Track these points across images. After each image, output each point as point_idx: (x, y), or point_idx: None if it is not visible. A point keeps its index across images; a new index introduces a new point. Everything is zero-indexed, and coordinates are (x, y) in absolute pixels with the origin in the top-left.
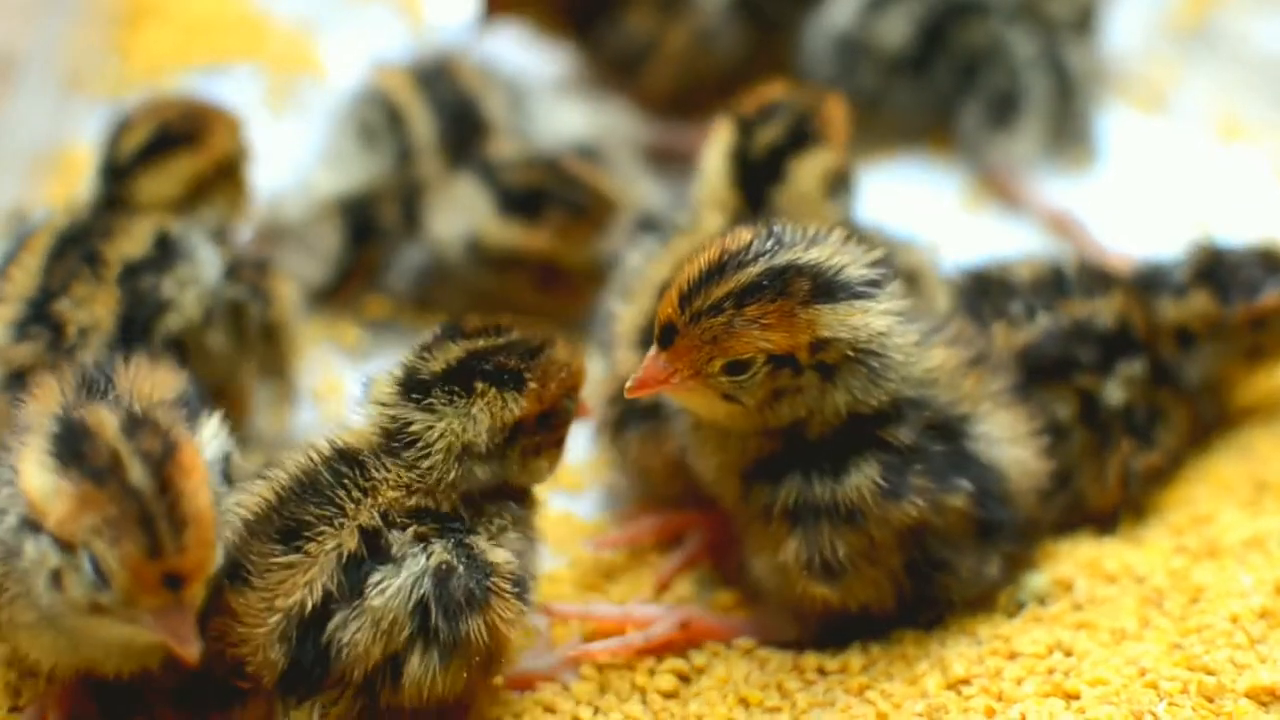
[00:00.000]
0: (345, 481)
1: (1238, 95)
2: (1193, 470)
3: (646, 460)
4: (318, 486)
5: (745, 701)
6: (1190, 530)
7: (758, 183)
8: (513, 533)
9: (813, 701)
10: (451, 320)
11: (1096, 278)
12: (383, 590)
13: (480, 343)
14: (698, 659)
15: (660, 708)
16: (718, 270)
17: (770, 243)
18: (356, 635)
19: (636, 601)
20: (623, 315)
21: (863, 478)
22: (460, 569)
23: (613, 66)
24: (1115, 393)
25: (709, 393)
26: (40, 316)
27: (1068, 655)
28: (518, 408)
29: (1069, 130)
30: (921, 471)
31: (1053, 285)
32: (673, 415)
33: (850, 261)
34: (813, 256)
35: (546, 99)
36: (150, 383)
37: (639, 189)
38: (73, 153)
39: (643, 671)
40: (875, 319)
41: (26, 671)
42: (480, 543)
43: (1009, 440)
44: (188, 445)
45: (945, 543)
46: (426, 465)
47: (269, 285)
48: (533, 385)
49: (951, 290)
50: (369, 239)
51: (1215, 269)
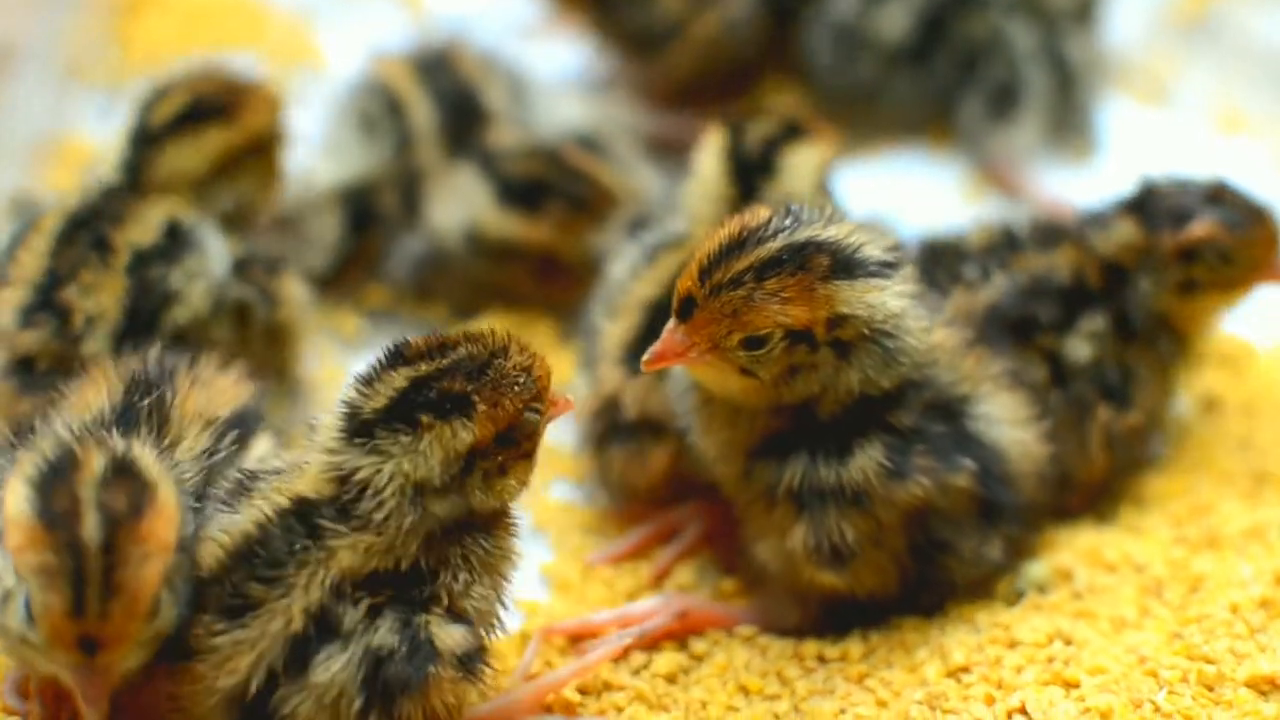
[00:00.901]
0: (297, 548)
1: (1239, 87)
2: (1193, 461)
3: (631, 476)
4: (269, 552)
5: (745, 689)
6: (1190, 520)
7: (751, 177)
8: (478, 584)
9: (812, 689)
10: (394, 344)
11: (1047, 232)
12: (328, 667)
13: (422, 367)
14: (697, 646)
15: (663, 692)
16: (738, 245)
17: (789, 220)
18: (300, 710)
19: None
20: (608, 331)
21: (867, 459)
22: (401, 652)
23: (631, 48)
24: (1079, 349)
25: (725, 367)
26: (47, 303)
27: (1067, 644)
28: (469, 435)
29: (1069, 122)
30: (925, 452)
31: (1004, 244)
32: (678, 397)
33: (868, 241)
34: (831, 234)
35: (547, 89)
36: (208, 395)
37: (640, 179)
38: (72, 142)
39: (642, 659)
40: (891, 299)
41: None
42: (431, 617)
43: (1009, 422)
44: (158, 512)
45: (948, 523)
46: (381, 518)
47: (277, 286)
48: (482, 408)
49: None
50: (368, 228)
51: (1146, 200)
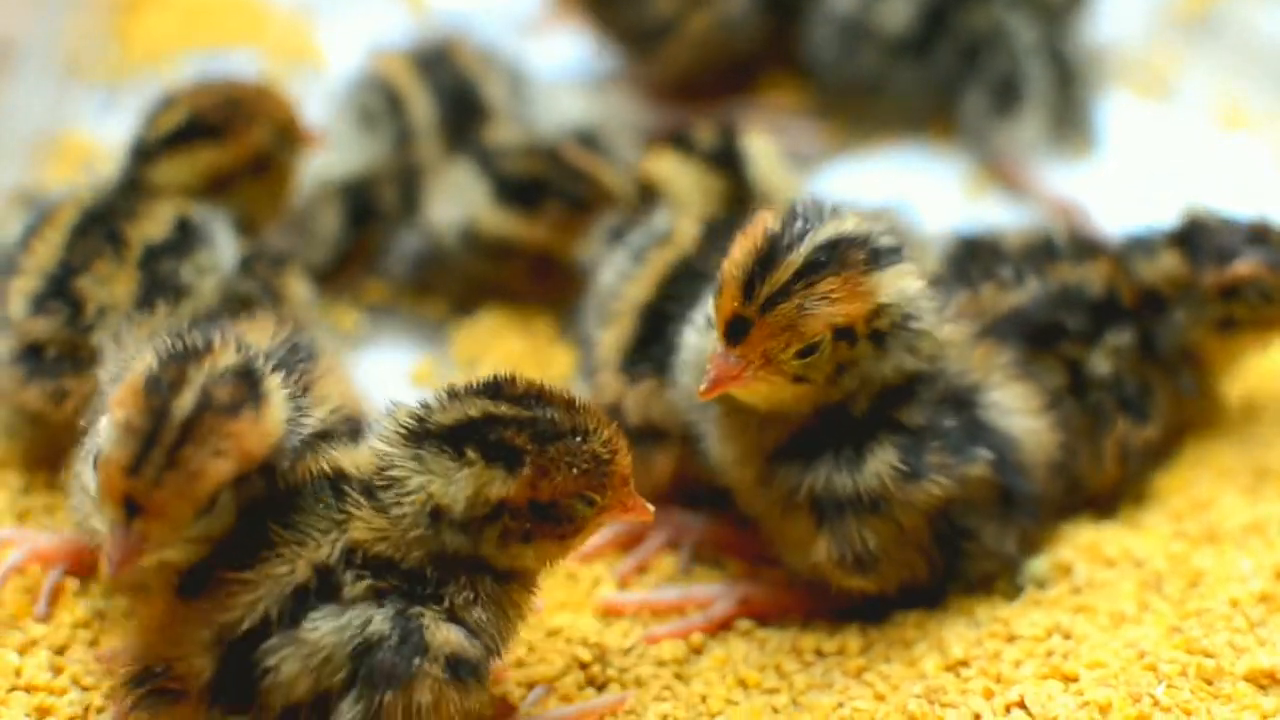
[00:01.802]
0: (321, 508)
1: (1240, 83)
2: (1193, 456)
3: (636, 482)
4: (298, 503)
5: (744, 682)
6: (1190, 515)
7: (721, 164)
8: (480, 608)
9: (811, 683)
10: (499, 376)
11: (1085, 246)
12: (318, 626)
13: (503, 407)
14: (695, 638)
15: (664, 685)
16: (768, 257)
17: (801, 222)
18: (283, 664)
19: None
20: (604, 340)
21: (881, 464)
22: (392, 640)
23: (629, 45)
24: (1101, 363)
25: (779, 379)
26: (60, 292)
27: (1066, 638)
28: (504, 488)
29: (1068, 117)
30: (939, 449)
31: (1043, 251)
32: (691, 406)
33: (878, 230)
34: (850, 228)
35: (546, 84)
36: (336, 388)
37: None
38: (72, 138)
39: (638, 651)
40: (912, 282)
41: None
42: (430, 615)
43: (1021, 411)
44: (255, 421)
45: (971, 510)
46: (397, 513)
47: (281, 283)
48: (527, 471)
49: (939, 254)
50: (368, 222)
51: (1193, 233)
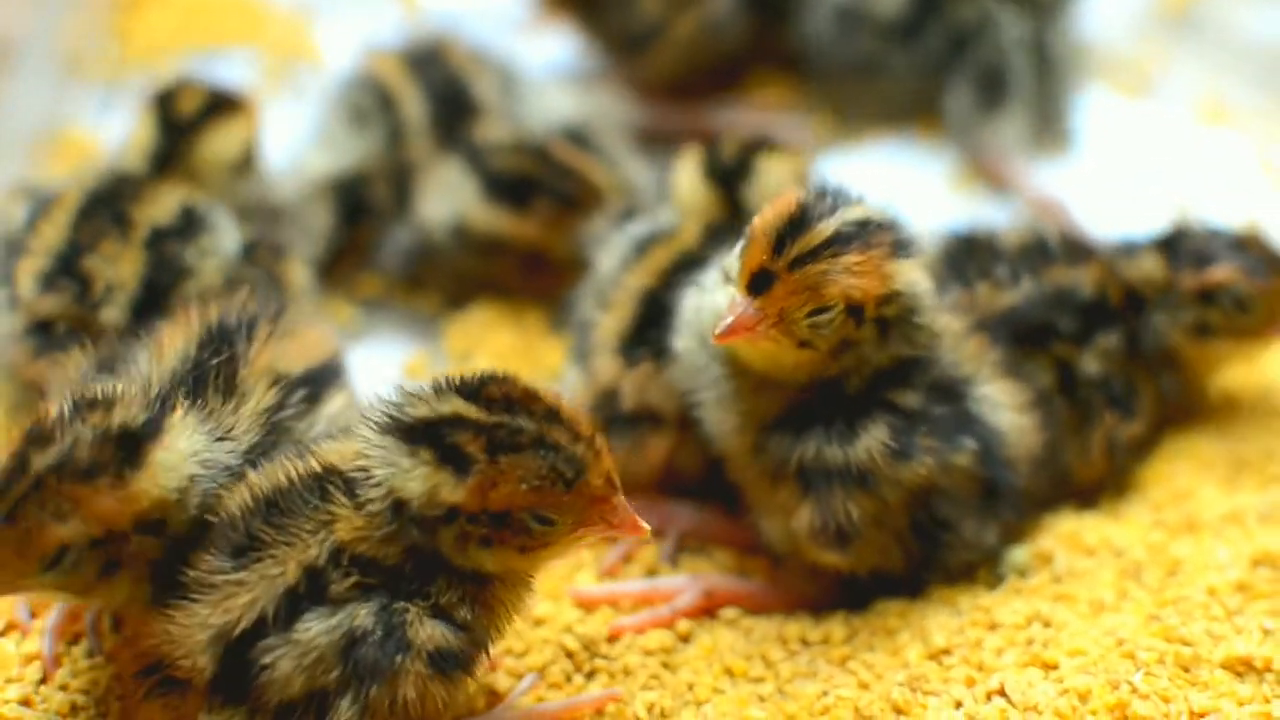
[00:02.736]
0: (310, 509)
1: (1222, 80)
2: (1173, 447)
3: (630, 467)
4: (287, 504)
5: (730, 671)
6: (1169, 506)
7: (731, 181)
8: (466, 607)
9: (796, 671)
10: (487, 377)
11: (1077, 248)
12: (310, 627)
13: (473, 411)
14: (682, 627)
15: (651, 674)
16: (801, 220)
17: (830, 200)
18: (278, 663)
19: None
20: (602, 322)
21: (873, 440)
22: (375, 636)
23: (616, 48)
24: (1091, 364)
25: (786, 340)
26: (68, 270)
27: (1047, 626)
28: (454, 493)
29: (1046, 114)
30: (928, 432)
31: (1037, 252)
32: (692, 372)
33: (899, 221)
34: (877, 213)
35: (536, 82)
36: (285, 349)
37: (629, 172)
38: (72, 136)
39: (627, 639)
40: (922, 278)
41: None
42: (414, 611)
43: (1008, 406)
44: (111, 486)
45: (951, 502)
46: (370, 510)
47: (282, 269)
48: (473, 480)
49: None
50: (361, 218)
51: (1176, 238)
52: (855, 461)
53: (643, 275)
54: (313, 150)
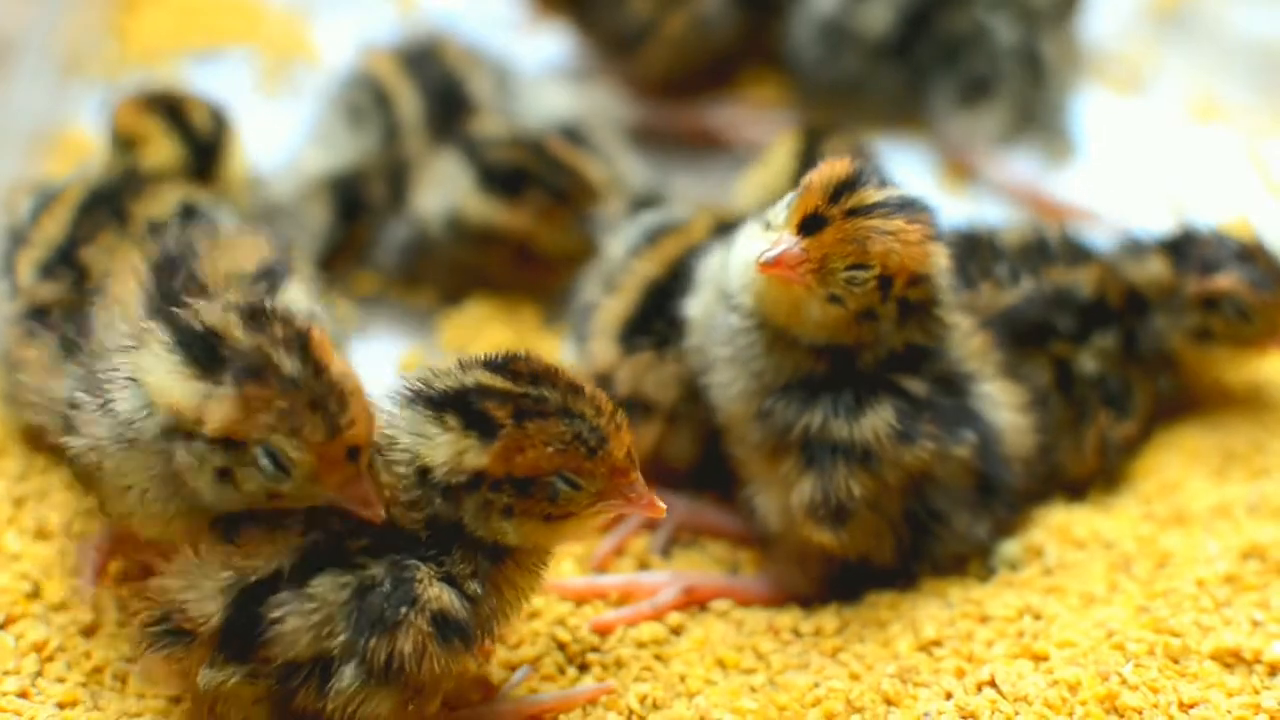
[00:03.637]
0: None
1: (1214, 77)
2: (1162, 440)
3: None
4: None
5: (722, 663)
6: (1159, 498)
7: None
8: (476, 582)
9: (787, 663)
10: (511, 354)
11: (1077, 248)
12: (321, 584)
13: (498, 381)
14: (674, 619)
15: (644, 666)
16: (857, 180)
17: (880, 176)
18: (287, 618)
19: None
20: (606, 306)
21: (879, 420)
22: (384, 587)
23: (608, 47)
24: (1089, 363)
25: (818, 289)
26: (66, 260)
27: (1037, 618)
28: (479, 458)
29: (1041, 119)
30: (931, 420)
31: (1037, 251)
32: (717, 325)
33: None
34: (919, 198)
35: (531, 79)
36: (232, 255)
37: (624, 169)
38: (70, 134)
39: (619, 631)
40: (947, 269)
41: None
42: (424, 571)
43: (1008, 405)
44: (314, 325)
45: (945, 494)
46: (397, 471)
47: None
48: (501, 443)
49: None
50: (357, 215)
51: (1183, 242)
52: (860, 439)
53: (651, 264)
54: (309, 148)
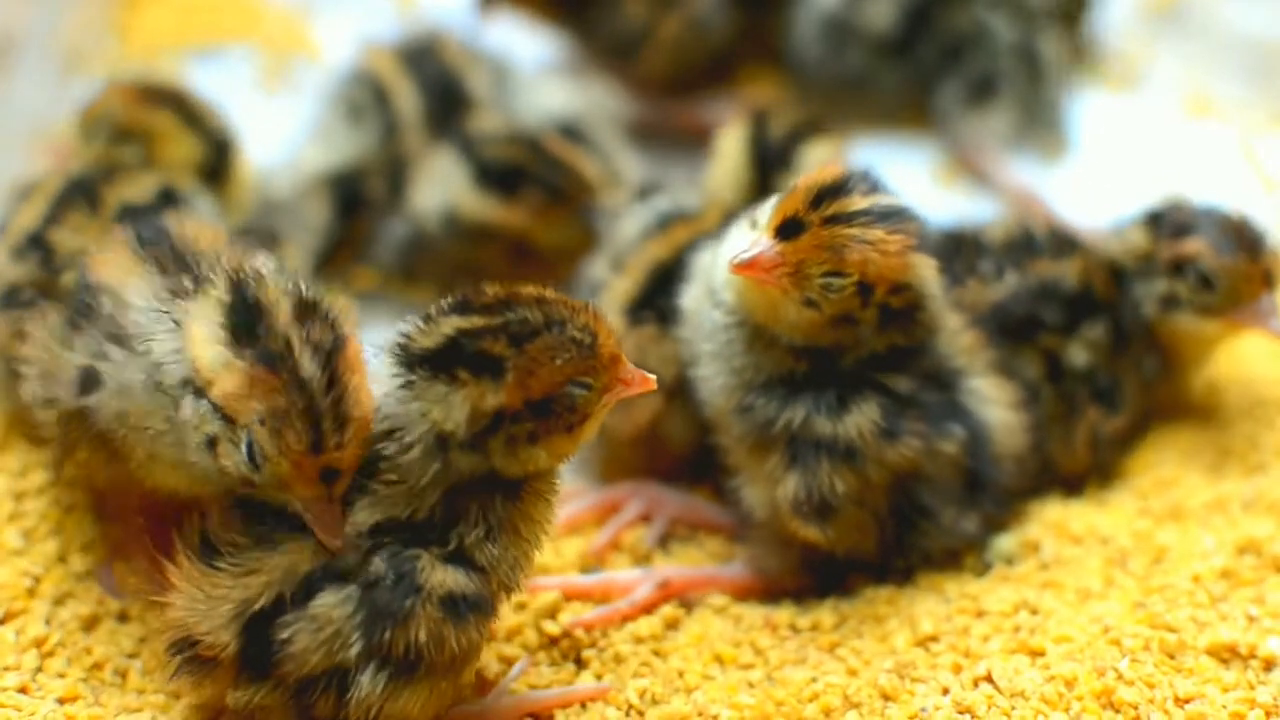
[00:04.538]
0: None
1: (1208, 73)
2: (1158, 436)
3: (613, 425)
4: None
5: (720, 658)
6: (1155, 494)
7: (770, 167)
8: (492, 543)
9: (785, 658)
10: (465, 290)
11: (1063, 241)
12: (325, 601)
13: (474, 320)
14: (672, 615)
15: (642, 661)
16: (842, 188)
17: (870, 182)
18: (296, 637)
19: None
20: (614, 285)
21: (863, 417)
22: (388, 581)
23: (607, 52)
24: (1079, 354)
25: (794, 292)
26: (36, 242)
27: (1034, 613)
28: (496, 397)
29: (1040, 117)
30: (917, 417)
31: (1022, 246)
32: (703, 319)
33: (923, 220)
34: (908, 207)
35: (529, 76)
36: (200, 231)
37: (621, 166)
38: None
39: (618, 628)
40: (933, 277)
41: None
42: (426, 557)
43: (998, 402)
44: (353, 339)
45: (933, 489)
46: (406, 460)
47: (277, 253)
48: (512, 375)
49: None
50: (357, 212)
51: (1165, 212)
52: (844, 436)
53: (661, 247)
54: (309, 145)
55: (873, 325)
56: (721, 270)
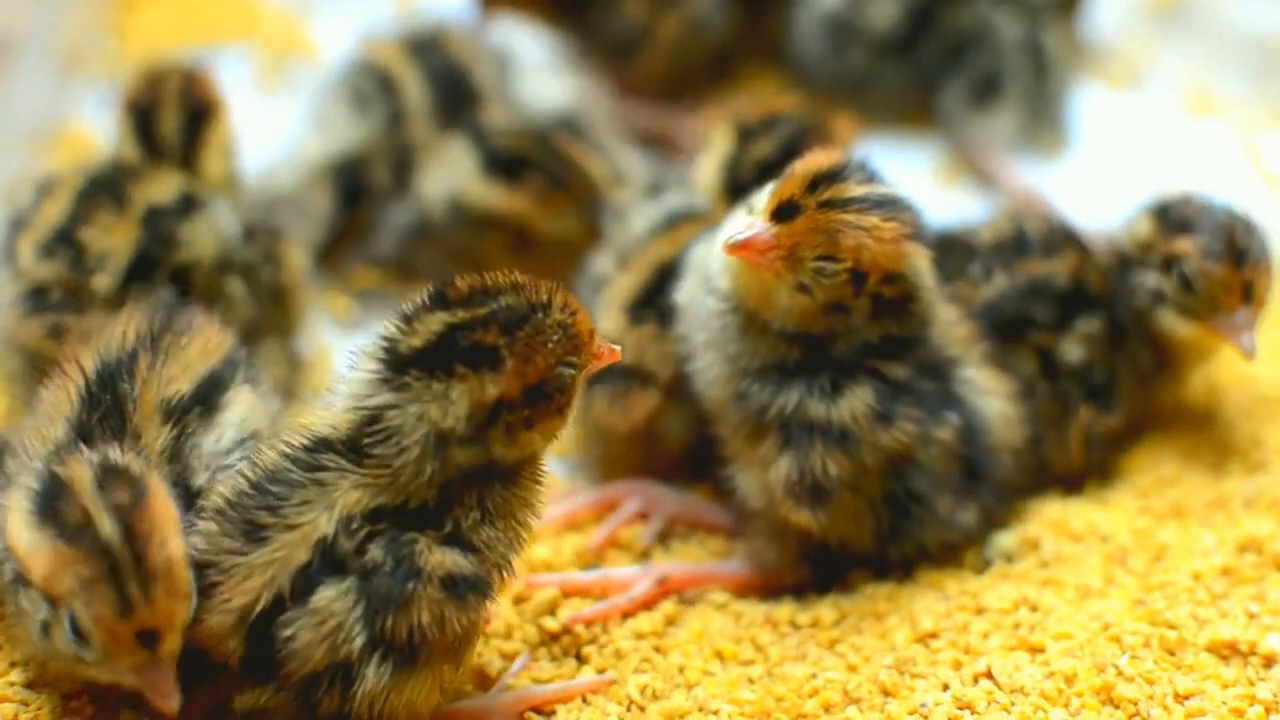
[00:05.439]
0: (311, 481)
1: (1210, 71)
2: (1159, 434)
3: (610, 421)
4: (287, 482)
5: (720, 654)
6: (1155, 492)
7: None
8: (488, 527)
9: (785, 654)
10: (439, 284)
11: (1057, 238)
12: (325, 596)
13: (460, 314)
14: (672, 611)
15: (643, 657)
16: (840, 174)
17: (867, 171)
18: (298, 634)
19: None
20: (618, 280)
21: (857, 401)
22: (386, 567)
23: (606, 53)
24: (1073, 350)
25: (787, 276)
26: (64, 239)
27: (1033, 611)
28: (496, 387)
29: (1044, 113)
30: (912, 403)
31: (1012, 246)
32: (691, 313)
33: (919, 211)
34: (905, 198)
35: (531, 70)
36: (171, 371)
37: (622, 162)
38: (71, 131)
39: (619, 624)
40: (928, 269)
41: None
42: (423, 541)
43: (994, 393)
44: (157, 492)
45: (927, 477)
46: (400, 463)
47: (281, 251)
48: (511, 364)
49: None
50: (360, 201)
51: (1173, 205)
52: (837, 420)
53: (667, 245)
54: (311, 135)
55: (865, 315)
56: (718, 257)
